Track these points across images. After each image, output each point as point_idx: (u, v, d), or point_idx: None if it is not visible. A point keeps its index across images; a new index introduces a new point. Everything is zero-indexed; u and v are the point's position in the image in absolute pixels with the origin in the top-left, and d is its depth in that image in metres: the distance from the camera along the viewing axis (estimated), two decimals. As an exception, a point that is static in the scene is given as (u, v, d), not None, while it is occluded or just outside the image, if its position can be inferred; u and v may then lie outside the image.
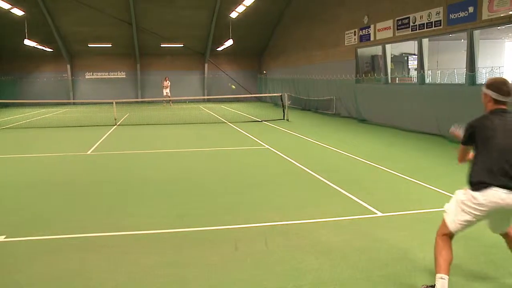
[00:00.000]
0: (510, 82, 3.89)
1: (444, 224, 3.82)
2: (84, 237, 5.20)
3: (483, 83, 12.98)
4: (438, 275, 3.59)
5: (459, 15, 13.01)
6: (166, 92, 31.38)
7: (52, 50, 32.68)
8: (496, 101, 3.84)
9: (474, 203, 3.66)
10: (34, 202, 6.86)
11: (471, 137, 3.86)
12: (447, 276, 3.58)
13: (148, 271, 4.25)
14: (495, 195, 3.57)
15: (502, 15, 11.46)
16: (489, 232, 3.96)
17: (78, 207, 6.51)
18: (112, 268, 4.32)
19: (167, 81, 31.94)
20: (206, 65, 36.60)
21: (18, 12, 25.49)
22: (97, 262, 4.47)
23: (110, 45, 33.01)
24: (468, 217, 3.69)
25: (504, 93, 3.80)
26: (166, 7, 28.53)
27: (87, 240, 5.13)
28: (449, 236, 3.79)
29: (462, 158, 4.17)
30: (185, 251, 4.75)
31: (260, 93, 34.33)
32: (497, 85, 3.86)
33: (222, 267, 4.34)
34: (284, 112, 19.94)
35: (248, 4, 24.57)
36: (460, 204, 3.77)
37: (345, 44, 20.84)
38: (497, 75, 14.24)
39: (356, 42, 19.75)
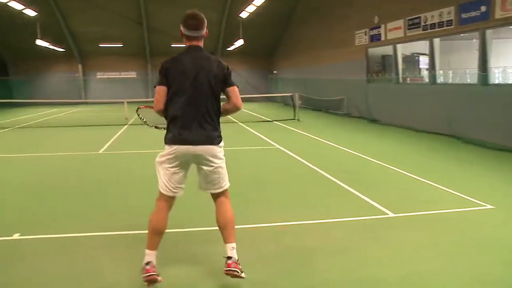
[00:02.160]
0: (200, 14, 3.79)
1: None
2: (98, 236, 5.24)
3: (496, 83, 12.96)
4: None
5: (471, 14, 12.91)
6: None
7: (63, 50, 32.97)
8: (187, 37, 3.75)
9: None
10: (46, 200, 6.92)
11: (166, 78, 3.71)
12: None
13: (160, 270, 4.27)
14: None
15: (515, 15, 11.36)
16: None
17: (90, 206, 6.56)
18: (128, 265, 4.32)
19: None
20: (219, 65, 36.62)
21: (30, 12, 25.75)
22: (110, 261, 4.49)
23: (121, 45, 33.22)
24: None
25: (190, 27, 3.70)
26: (176, 7, 28.54)
27: (100, 238, 5.16)
28: None
29: (160, 104, 3.80)
30: (193, 252, 4.76)
31: (271, 93, 34.32)
32: (185, 18, 3.75)
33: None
34: (294, 112, 19.93)
35: (258, 4, 24.59)
36: None
37: (356, 44, 20.77)
38: (510, 75, 14.07)
39: (367, 42, 19.68)
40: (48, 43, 29.91)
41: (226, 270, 3.74)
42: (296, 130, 15.92)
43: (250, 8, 26.22)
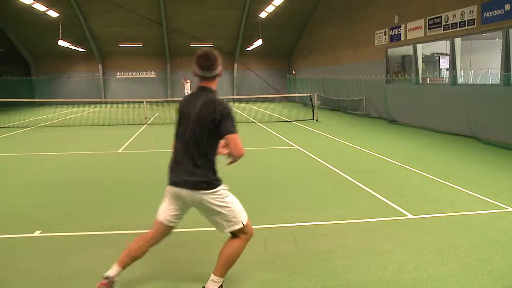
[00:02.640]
0: (215, 54, 3.55)
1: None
2: (117, 234, 5.30)
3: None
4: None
5: (494, 13, 12.70)
6: (187, 91, 31.33)
7: (84, 50, 33.41)
8: (198, 77, 3.58)
9: None
10: (67, 199, 7.02)
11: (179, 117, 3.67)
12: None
13: (180, 269, 4.31)
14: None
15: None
16: None
17: (110, 204, 6.64)
18: (149, 261, 4.35)
19: (187, 80, 31.82)
20: (235, 65, 36.74)
21: (53, 13, 26.19)
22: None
23: (140, 45, 33.49)
24: None
25: (200, 67, 3.53)
26: (195, 8, 28.77)
27: (119, 237, 5.22)
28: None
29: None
30: (214, 250, 4.77)
31: (290, 93, 34.26)
32: (196, 58, 3.56)
33: (252, 266, 4.35)
34: (313, 112, 19.86)
35: (277, 4, 24.58)
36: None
37: (375, 44, 20.62)
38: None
39: (387, 42, 19.51)
40: (70, 44, 30.34)
41: None
42: (314, 130, 15.86)
43: (269, 8, 26.22)
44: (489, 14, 12.88)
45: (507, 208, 6.16)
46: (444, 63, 19.94)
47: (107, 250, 4.77)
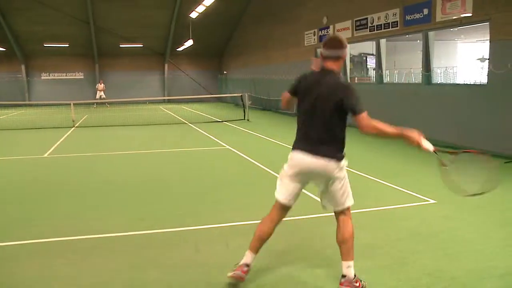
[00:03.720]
0: (340, 37, 3.81)
1: None
2: (43, 243, 5.03)
3: (438, 82, 13.43)
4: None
5: (414, 16, 13.34)
6: (101, 95, 30.56)
7: (4, 49, 31.55)
8: (324, 56, 3.74)
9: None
10: (-14, 207, 6.61)
11: (295, 89, 3.93)
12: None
13: (111, 275, 4.17)
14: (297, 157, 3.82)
15: (454, 18, 11.83)
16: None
17: (35, 212, 6.31)
18: (74, 273, 4.20)
19: (102, 84, 31.09)
20: (166, 66, 36.25)
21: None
22: (58, 268, 4.34)
23: (67, 45, 32.18)
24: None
25: (326, 46, 3.71)
26: (125, 7, 28.06)
27: (46, 245, 4.96)
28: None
29: (284, 104, 4.26)
30: (146, 254, 4.68)
31: (221, 93, 34.24)
32: (327, 40, 3.79)
33: (184, 268, 4.30)
34: (244, 112, 19.96)
35: (208, 4, 24.50)
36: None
37: (305, 44, 21.03)
38: (451, 75, 14.70)
39: (316, 42, 19.96)
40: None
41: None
42: (246, 130, 15.95)
43: (200, 8, 26.07)
44: (410, 17, 13.51)
45: (428, 201, 6.48)
46: (371, 63, 20.70)
47: (33, 261, 4.53)
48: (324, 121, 3.75)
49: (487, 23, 10.89)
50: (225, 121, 19.26)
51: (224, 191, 7.39)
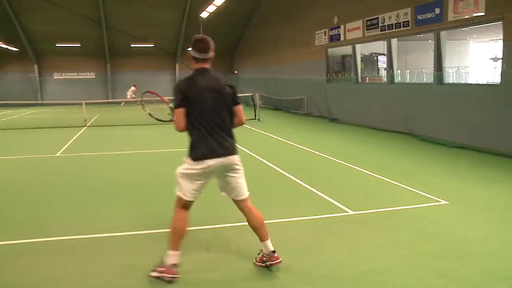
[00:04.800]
0: (209, 38, 4.12)
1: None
2: (52, 241, 5.08)
3: (450, 82, 13.34)
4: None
5: (426, 16, 13.26)
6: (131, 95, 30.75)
7: (17, 49, 31.88)
8: (196, 59, 4.04)
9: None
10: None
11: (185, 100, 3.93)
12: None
13: (120, 275, 4.20)
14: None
15: (466, 17, 11.74)
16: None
17: (46, 210, 6.37)
18: (83, 272, 4.24)
19: (134, 87, 31.26)
20: (177, 65, 36.36)
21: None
22: (66, 266, 4.38)
23: (79, 45, 32.41)
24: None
25: (199, 50, 4.01)
26: (136, 7, 28.19)
27: (55, 244, 5.01)
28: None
29: (180, 124, 4.04)
30: (156, 253, 4.69)
31: (232, 93, 34.18)
32: (194, 42, 4.07)
33: (194, 268, 4.31)
34: (255, 112, 19.96)
35: (218, 4, 24.53)
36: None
37: (316, 44, 20.99)
38: (463, 75, 14.58)
39: (327, 42, 19.91)
40: (0, 42, 28.90)
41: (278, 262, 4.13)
42: (256, 130, 15.95)
43: (211, 8, 26.12)
44: (422, 16, 13.43)
45: (439, 201, 6.44)
46: (382, 62, 20.61)
47: (41, 259, 4.57)
48: (227, 117, 4.11)
49: (500, 22, 10.79)
50: (235, 120, 19.22)
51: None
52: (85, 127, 17.38)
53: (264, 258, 4.18)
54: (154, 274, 3.99)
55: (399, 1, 14.52)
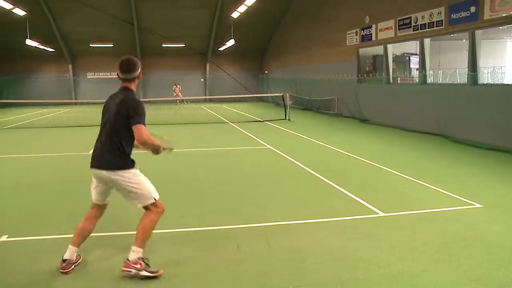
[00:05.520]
0: (132, 60, 4.47)
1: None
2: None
3: (485, 83, 13.05)
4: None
5: (460, 15, 12.99)
6: (177, 94, 32.25)
7: (53, 50, 32.76)
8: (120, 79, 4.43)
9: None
10: (35, 202, 6.87)
11: None
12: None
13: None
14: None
15: (504, 15, 11.44)
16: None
17: (81, 207, 6.49)
18: (114, 266, 4.31)
19: (178, 86, 32.84)
20: (207, 65, 36.62)
21: (19, 12, 25.56)
22: (98, 260, 4.50)
23: (111, 45, 33.03)
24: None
25: (123, 70, 4.41)
26: (167, 7, 28.55)
27: (89, 239, 5.11)
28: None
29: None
30: (186, 251, 4.75)
31: (262, 93, 34.32)
32: (121, 62, 4.45)
33: (224, 267, 4.34)
34: (285, 112, 19.94)
35: (249, 4, 24.60)
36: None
37: (347, 44, 20.84)
38: (499, 75, 14.20)
39: (358, 42, 19.74)
40: (38, 43, 29.71)
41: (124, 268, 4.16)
42: (287, 130, 15.93)
43: (242, 8, 26.23)
44: (456, 15, 13.17)
45: (474, 205, 6.31)
46: (414, 63, 20.30)
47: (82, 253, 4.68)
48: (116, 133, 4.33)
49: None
50: (266, 120, 19.30)
51: (265, 190, 7.40)
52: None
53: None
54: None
55: (433, 0, 14.28)
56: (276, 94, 26.02)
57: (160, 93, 32.64)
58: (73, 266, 4.22)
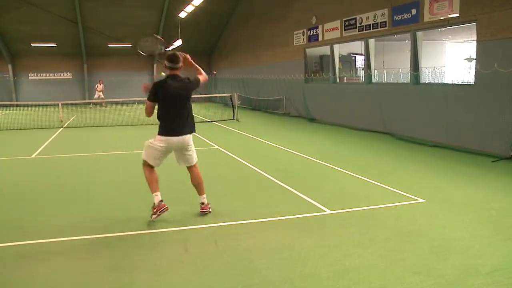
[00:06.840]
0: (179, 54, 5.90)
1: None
2: (28, 244, 4.97)
3: (427, 82, 13.52)
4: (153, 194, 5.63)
5: (403, 16, 13.41)
6: (99, 95, 30.93)
7: (-10, 49, 31.26)
8: (169, 68, 5.89)
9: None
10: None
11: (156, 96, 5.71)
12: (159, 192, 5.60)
13: (96, 277, 4.14)
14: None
15: (441, 18, 11.91)
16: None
17: (20, 213, 6.24)
18: (59, 275, 4.17)
19: (101, 84, 31.53)
20: (155, 66, 36.09)
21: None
22: (42, 270, 4.30)
23: (55, 45, 31.91)
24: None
25: (171, 61, 5.84)
26: (113, 6, 27.89)
27: (30, 247, 4.91)
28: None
29: (150, 113, 5.92)
30: (133, 255, 4.65)
31: (210, 94, 34.15)
32: (168, 56, 5.88)
33: (172, 269, 4.27)
34: (234, 112, 19.93)
35: (197, 4, 24.42)
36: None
37: (294, 44, 21.06)
38: (439, 75, 14.79)
39: (305, 42, 19.99)
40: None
41: (202, 211, 5.96)
42: (235, 130, 15.93)
43: (189, 8, 26.01)
44: (399, 17, 13.58)
45: (417, 200, 6.52)
46: (360, 62, 20.78)
47: (16, 262, 4.48)
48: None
49: (474, 23, 10.97)
50: (214, 121, 19.21)
51: (213, 191, 7.34)
52: (61, 128, 17.12)
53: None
54: (154, 216, 5.48)
55: (377, 1, 14.66)
56: (224, 95, 25.93)
57: (107, 94, 31.80)
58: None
